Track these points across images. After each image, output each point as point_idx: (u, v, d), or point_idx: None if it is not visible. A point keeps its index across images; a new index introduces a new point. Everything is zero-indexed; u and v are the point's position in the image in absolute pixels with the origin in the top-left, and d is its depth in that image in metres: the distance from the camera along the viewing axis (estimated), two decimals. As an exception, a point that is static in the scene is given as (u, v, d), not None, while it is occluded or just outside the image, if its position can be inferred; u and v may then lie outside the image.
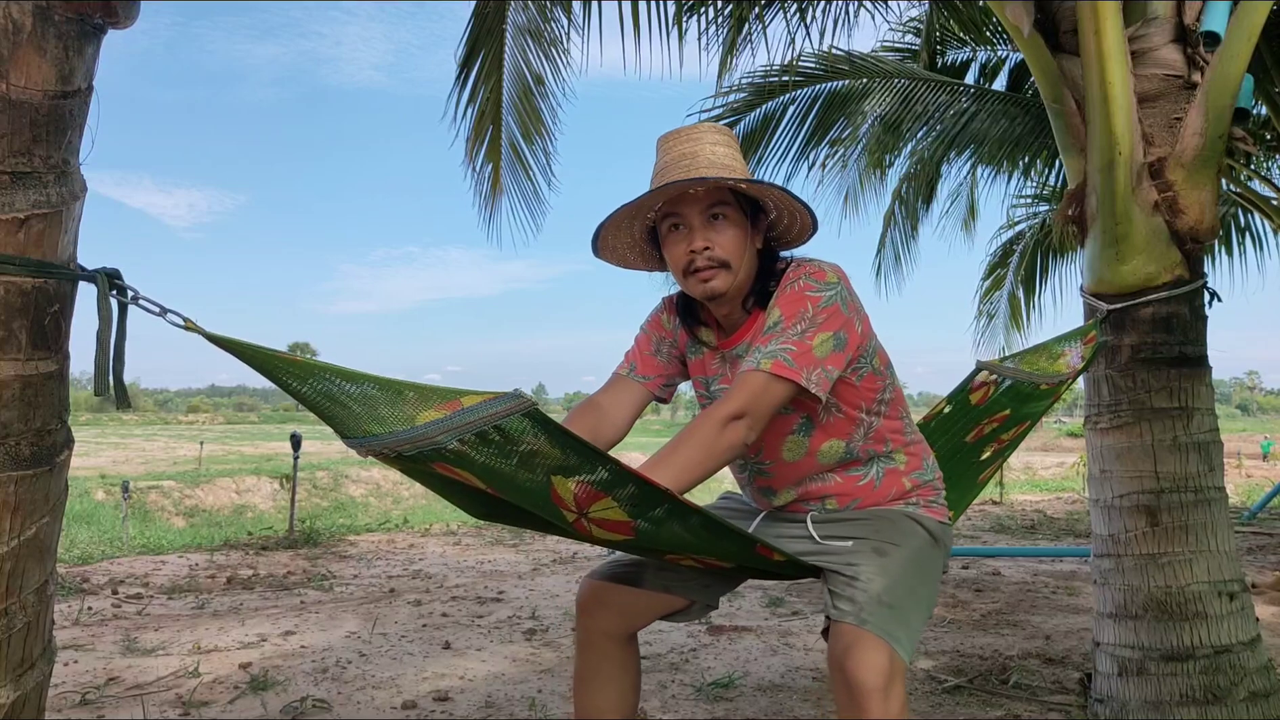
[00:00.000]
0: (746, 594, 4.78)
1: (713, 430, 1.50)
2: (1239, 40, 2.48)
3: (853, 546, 1.66)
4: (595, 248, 1.76)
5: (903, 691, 1.47)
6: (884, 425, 1.75)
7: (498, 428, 1.26)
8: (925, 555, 1.69)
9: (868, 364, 1.70)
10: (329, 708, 2.94)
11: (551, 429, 1.30)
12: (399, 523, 8.68)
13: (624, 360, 1.87)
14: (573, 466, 1.34)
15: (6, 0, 1.15)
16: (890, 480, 1.77)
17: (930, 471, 1.83)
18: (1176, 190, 2.55)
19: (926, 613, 1.63)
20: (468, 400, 1.28)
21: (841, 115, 5.83)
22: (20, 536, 1.20)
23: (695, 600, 1.83)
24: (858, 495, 1.76)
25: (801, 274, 1.64)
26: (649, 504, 1.41)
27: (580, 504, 1.40)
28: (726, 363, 1.77)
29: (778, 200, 1.67)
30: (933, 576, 1.70)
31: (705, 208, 1.64)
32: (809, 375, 1.54)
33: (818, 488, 1.77)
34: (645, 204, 1.66)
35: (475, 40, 4.28)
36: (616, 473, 1.35)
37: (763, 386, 1.53)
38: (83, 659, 3.43)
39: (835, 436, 1.72)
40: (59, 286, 1.23)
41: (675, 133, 1.71)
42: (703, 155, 1.65)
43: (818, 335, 1.57)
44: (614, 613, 1.80)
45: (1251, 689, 2.43)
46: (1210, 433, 2.58)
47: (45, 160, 1.20)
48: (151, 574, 5.32)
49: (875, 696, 1.43)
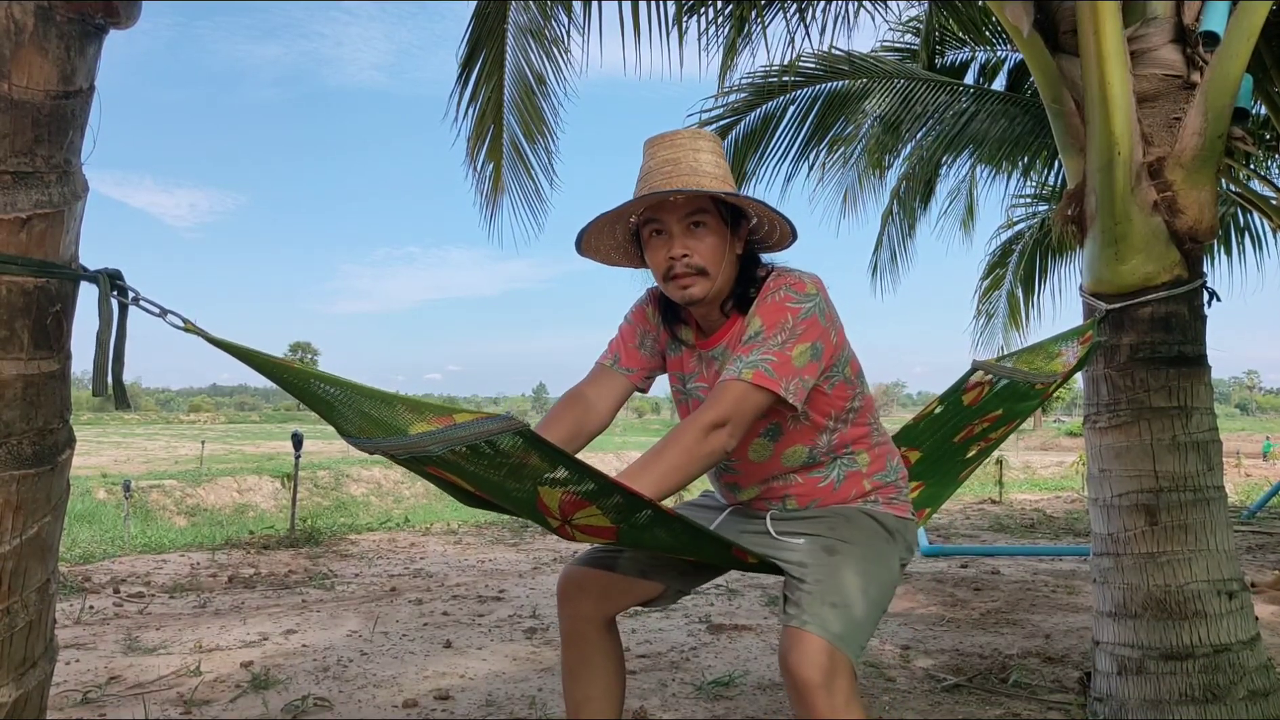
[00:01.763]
0: (746, 593, 4.78)
1: (696, 437, 1.55)
2: (1238, 40, 2.48)
3: (804, 544, 1.72)
4: (578, 248, 1.80)
5: (848, 686, 1.52)
6: (850, 431, 1.80)
7: (489, 442, 1.31)
8: (878, 551, 1.74)
9: (840, 373, 1.74)
10: (330, 706, 2.94)
11: (542, 446, 1.34)
12: (400, 522, 8.69)
13: (608, 350, 1.91)
14: (560, 479, 1.40)
15: (8, 0, 1.15)
16: (851, 482, 1.81)
17: (893, 473, 1.87)
18: (1176, 190, 2.56)
19: (879, 609, 1.67)
20: (460, 417, 1.32)
21: (841, 115, 5.83)
22: (22, 535, 1.20)
23: (669, 585, 1.87)
24: (817, 496, 1.81)
25: (782, 284, 1.68)
26: (632, 511, 1.46)
27: (565, 512, 1.46)
28: (703, 362, 1.81)
29: (756, 209, 1.71)
30: (886, 572, 1.74)
31: (685, 215, 1.67)
32: (788, 385, 1.59)
33: (780, 486, 1.82)
34: (625, 211, 1.71)
35: (476, 40, 4.28)
36: (602, 485, 1.40)
37: (743, 395, 1.58)
38: (84, 658, 3.43)
39: (800, 442, 1.77)
40: (61, 286, 1.23)
41: (660, 138, 1.74)
42: (685, 162, 1.68)
43: (797, 346, 1.61)
44: (592, 598, 1.84)
45: (1251, 688, 2.44)
46: (1209, 432, 2.58)
47: (47, 160, 1.20)
48: (153, 573, 5.33)
49: (818, 693, 1.48)
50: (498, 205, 4.68)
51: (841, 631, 1.55)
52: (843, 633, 1.55)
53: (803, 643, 1.53)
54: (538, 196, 4.67)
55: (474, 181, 4.68)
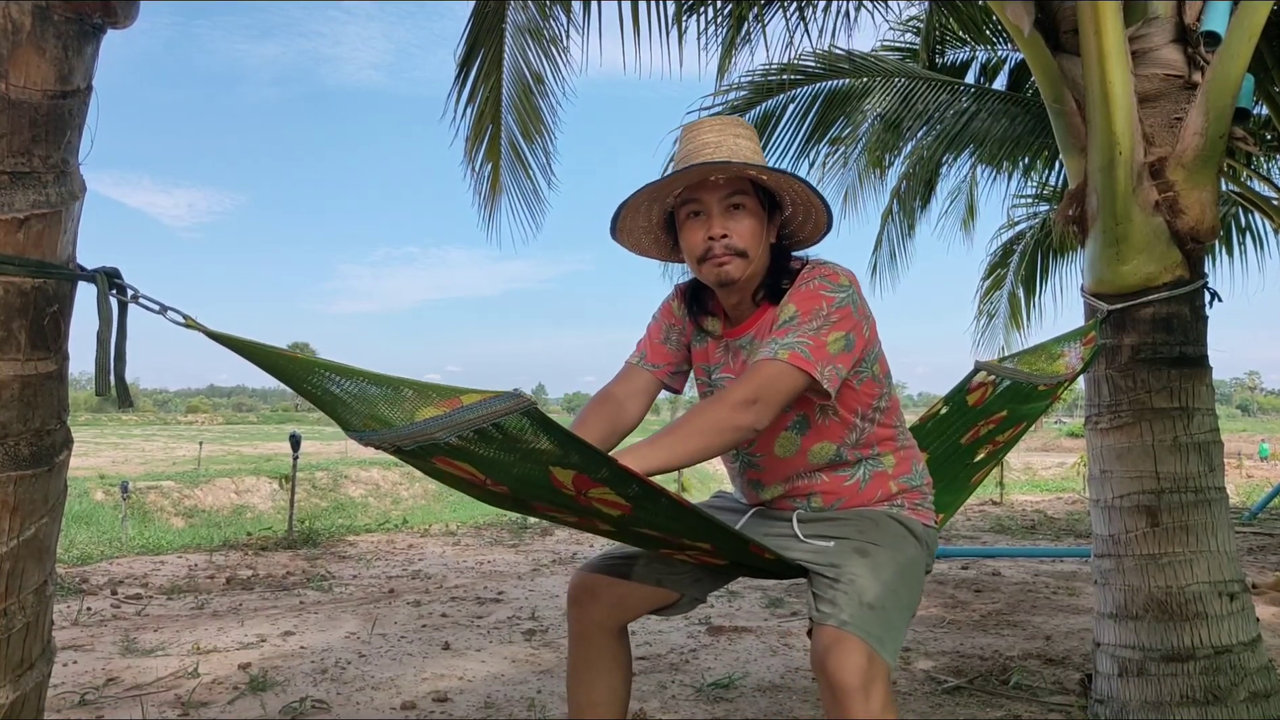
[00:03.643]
0: (746, 594, 4.78)
1: (724, 411, 1.52)
2: (1239, 40, 2.48)
3: (835, 547, 1.68)
4: (614, 228, 1.77)
5: (885, 691, 1.48)
6: (876, 431, 1.77)
7: (497, 425, 1.27)
8: (908, 557, 1.71)
9: (869, 370, 1.72)
10: (328, 708, 2.93)
11: (551, 429, 1.30)
12: (398, 523, 8.68)
13: (635, 349, 1.90)
14: (572, 463, 1.36)
15: (6, 0, 1.14)
16: (877, 483, 1.79)
17: (919, 477, 1.85)
18: (1177, 190, 2.55)
19: (909, 614, 1.65)
20: (467, 399, 1.28)
21: (841, 114, 5.83)
22: (19, 537, 1.19)
23: (685, 594, 1.84)
24: (843, 495, 1.78)
25: (816, 274, 1.67)
26: (647, 499, 1.43)
27: (579, 487, 1.42)
28: (729, 352, 1.79)
29: (796, 195, 1.70)
30: (915, 578, 1.71)
31: (725, 195, 1.66)
32: (823, 370, 1.56)
33: (805, 485, 1.79)
34: (667, 186, 1.68)
35: (475, 39, 4.27)
36: (615, 472, 1.37)
37: (778, 374, 1.55)
38: (82, 659, 3.42)
39: (827, 439, 1.74)
40: (58, 286, 1.23)
41: (700, 122, 1.74)
42: (726, 145, 1.68)
43: (832, 333, 1.59)
44: (605, 604, 1.81)
45: (1252, 689, 2.43)
46: (1210, 433, 2.57)
47: (45, 160, 1.19)
48: (150, 574, 5.32)
49: (856, 696, 1.45)
50: (496, 205, 4.68)
51: (882, 635, 1.51)
52: (883, 636, 1.51)
53: (843, 644, 1.48)
54: (536, 196, 4.67)
55: (472, 181, 4.68)
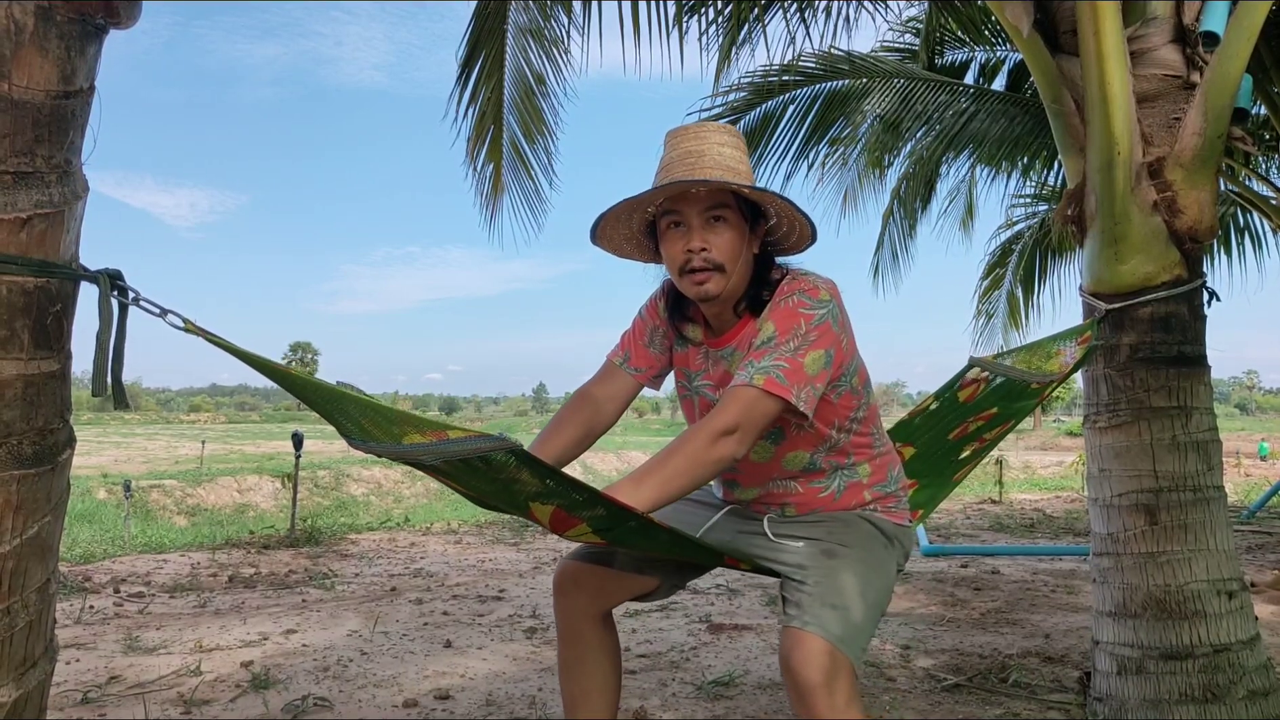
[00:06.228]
0: (746, 593, 4.78)
1: (704, 444, 1.53)
2: (1238, 40, 2.48)
3: (804, 548, 1.72)
4: (593, 235, 1.78)
5: (849, 687, 1.52)
6: (851, 441, 1.79)
7: (482, 458, 1.32)
8: (876, 555, 1.75)
9: (847, 382, 1.73)
10: (330, 706, 2.94)
11: (534, 465, 1.36)
12: (400, 521, 8.69)
13: (619, 346, 1.91)
14: (550, 492, 1.42)
15: (8, 0, 1.15)
16: (851, 493, 1.81)
17: (894, 482, 1.87)
18: (1175, 190, 2.56)
19: (877, 612, 1.67)
20: (454, 434, 1.33)
21: (841, 114, 5.83)
22: (22, 535, 1.20)
23: (665, 581, 1.88)
24: (817, 505, 1.81)
25: (796, 289, 1.66)
26: (622, 521, 1.48)
27: (556, 528, 1.50)
28: (711, 361, 1.80)
29: (779, 208, 1.68)
30: (884, 576, 1.74)
31: (705, 208, 1.64)
32: (799, 393, 1.57)
33: (780, 493, 1.81)
34: (646, 199, 1.68)
35: (476, 40, 4.28)
36: (594, 499, 1.42)
37: (754, 401, 1.55)
38: (84, 657, 3.43)
39: (801, 448, 1.76)
40: (61, 286, 1.23)
41: (684, 129, 1.71)
42: (709, 155, 1.65)
43: (810, 353, 1.59)
44: (588, 592, 1.84)
45: (1250, 688, 2.44)
46: (1209, 432, 2.58)
47: (47, 160, 1.20)
48: (153, 573, 5.33)
49: (820, 693, 1.48)
50: (498, 205, 4.69)
51: (842, 633, 1.55)
52: (843, 634, 1.55)
53: (804, 644, 1.53)
54: (537, 197, 4.67)
55: (474, 182, 4.69)
